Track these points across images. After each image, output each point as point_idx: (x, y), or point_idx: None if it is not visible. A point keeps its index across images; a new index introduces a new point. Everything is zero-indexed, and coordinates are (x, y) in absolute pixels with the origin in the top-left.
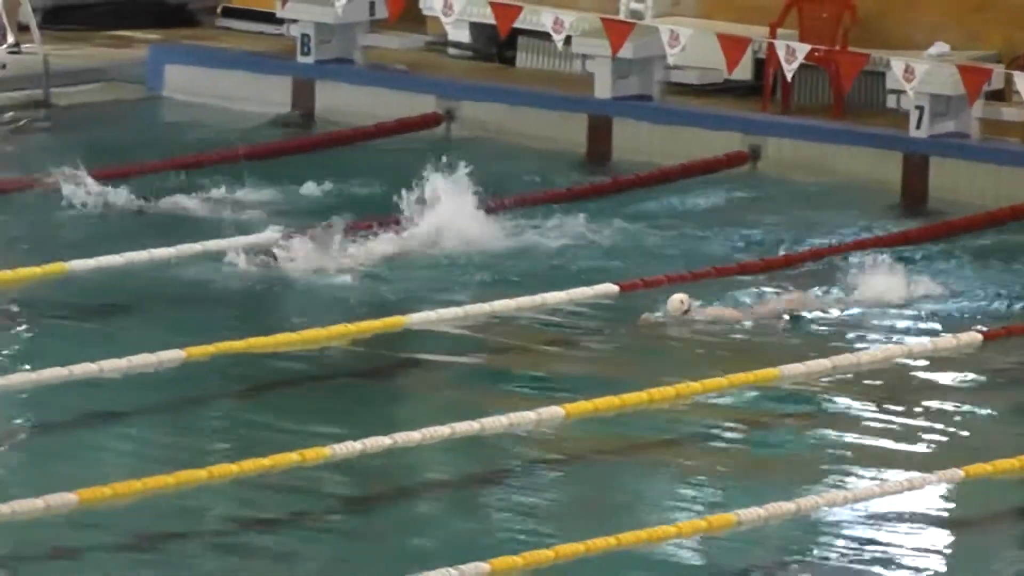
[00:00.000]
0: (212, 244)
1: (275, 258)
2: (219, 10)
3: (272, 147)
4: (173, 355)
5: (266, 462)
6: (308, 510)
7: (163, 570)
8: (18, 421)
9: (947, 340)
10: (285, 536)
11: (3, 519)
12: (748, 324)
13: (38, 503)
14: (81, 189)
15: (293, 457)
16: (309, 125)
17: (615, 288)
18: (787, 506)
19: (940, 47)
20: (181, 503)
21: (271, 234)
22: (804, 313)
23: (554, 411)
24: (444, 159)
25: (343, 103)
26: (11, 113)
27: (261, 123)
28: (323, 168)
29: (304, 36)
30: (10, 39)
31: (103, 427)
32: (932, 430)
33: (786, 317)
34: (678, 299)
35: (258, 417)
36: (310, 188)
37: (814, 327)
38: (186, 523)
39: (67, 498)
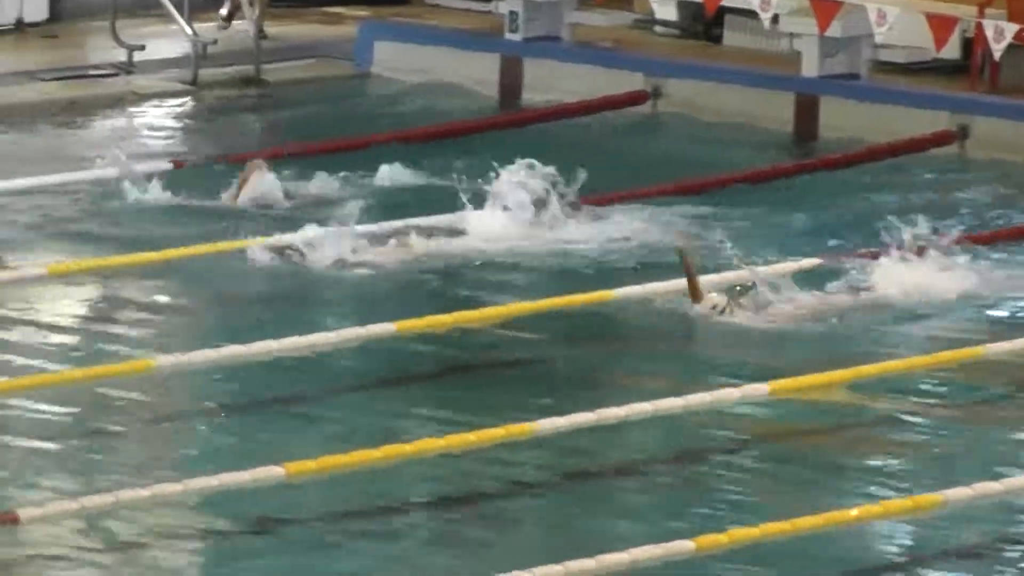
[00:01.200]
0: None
1: (301, 254)
2: None
3: (480, 124)
4: (383, 328)
5: (472, 437)
6: (512, 486)
7: (370, 541)
8: (228, 395)
9: None
10: (491, 510)
11: (211, 491)
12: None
13: (245, 476)
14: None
15: (499, 432)
16: (516, 102)
17: (817, 261)
18: (994, 487)
19: None
20: (387, 477)
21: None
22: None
23: (758, 388)
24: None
25: (550, 80)
26: (222, 89)
27: (469, 100)
28: (528, 145)
29: (512, 13)
30: (223, 13)
31: (310, 401)
32: None
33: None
34: (712, 299)
35: (464, 392)
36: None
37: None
38: (392, 497)
39: (274, 471)
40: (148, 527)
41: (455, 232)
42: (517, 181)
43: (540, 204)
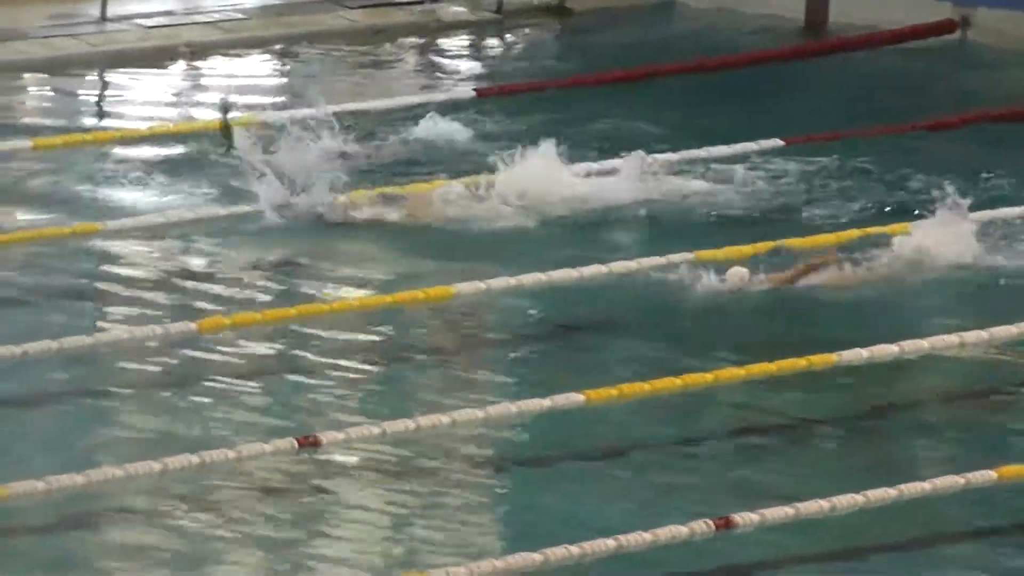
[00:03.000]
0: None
1: None
2: None
3: (783, 52)
4: (681, 257)
5: (772, 367)
6: (811, 415)
7: (664, 475)
8: (530, 322)
9: None
10: (786, 441)
11: (511, 419)
12: None
13: (545, 403)
14: None
15: (800, 363)
16: (821, 31)
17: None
18: None
19: None
20: (685, 407)
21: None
22: None
23: None
24: None
25: (857, 8)
26: (526, 18)
27: (774, 29)
28: (833, 76)
29: None
30: None
31: (607, 332)
32: None
33: None
34: (738, 273)
35: (765, 323)
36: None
37: None
38: (691, 426)
39: (575, 398)
40: (447, 452)
41: None
42: None
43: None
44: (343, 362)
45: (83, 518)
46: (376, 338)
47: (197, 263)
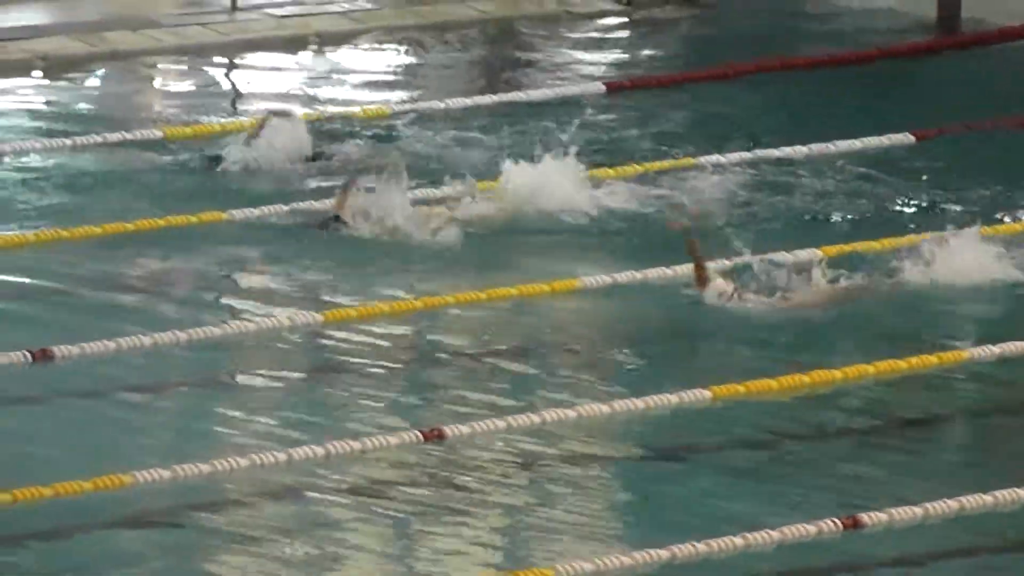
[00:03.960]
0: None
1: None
2: None
3: (917, 47)
4: (809, 254)
5: (902, 363)
6: (940, 413)
7: (791, 472)
8: (654, 317)
9: None
10: (915, 439)
11: (637, 415)
12: None
13: (672, 398)
14: None
15: (931, 360)
16: (954, 26)
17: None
18: None
19: None
20: (812, 402)
21: None
22: None
23: None
24: None
25: (989, 2)
26: (659, 8)
27: (904, 21)
28: (961, 71)
29: None
30: None
31: (733, 329)
32: None
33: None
34: (719, 286)
35: (893, 319)
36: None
37: None
38: (819, 424)
39: (702, 394)
40: (572, 448)
41: None
42: None
43: None
44: (468, 355)
45: (207, 507)
46: (501, 332)
47: (323, 252)
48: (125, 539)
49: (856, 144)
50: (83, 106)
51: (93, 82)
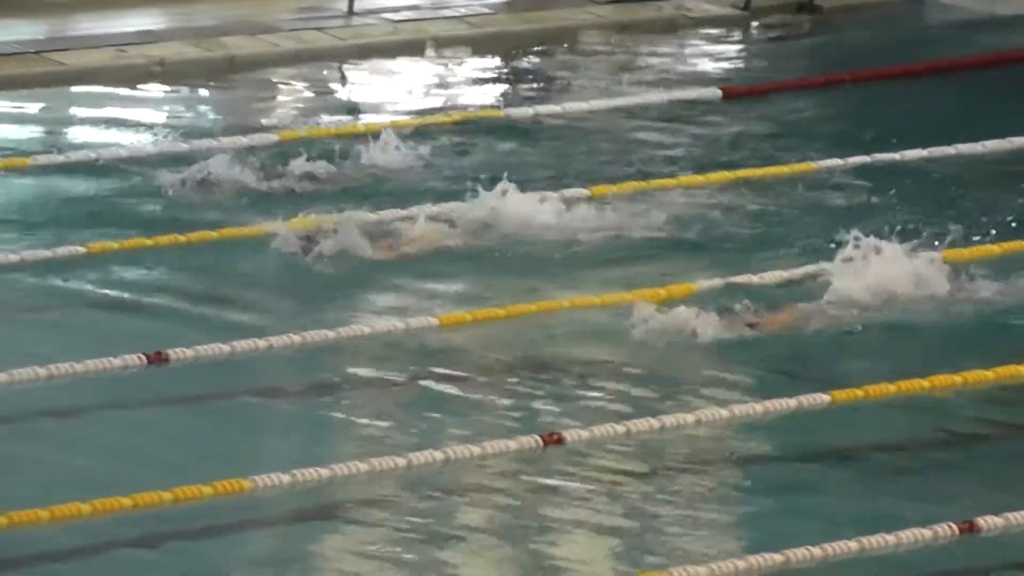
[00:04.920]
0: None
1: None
2: None
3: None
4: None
5: (990, 375)
6: None
7: (908, 477)
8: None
9: None
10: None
11: (756, 419)
12: None
13: (791, 402)
14: None
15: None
16: None
17: None
18: None
19: None
20: (930, 408)
21: None
22: None
23: None
24: None
25: None
26: (775, 15)
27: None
28: None
29: None
30: None
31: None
32: None
33: None
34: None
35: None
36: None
37: None
38: (937, 428)
39: (820, 398)
40: (691, 451)
41: None
42: None
43: None
44: (585, 359)
45: (325, 510)
46: (617, 334)
47: (441, 256)
48: (248, 541)
49: (978, 148)
50: (200, 110)
51: (209, 86)
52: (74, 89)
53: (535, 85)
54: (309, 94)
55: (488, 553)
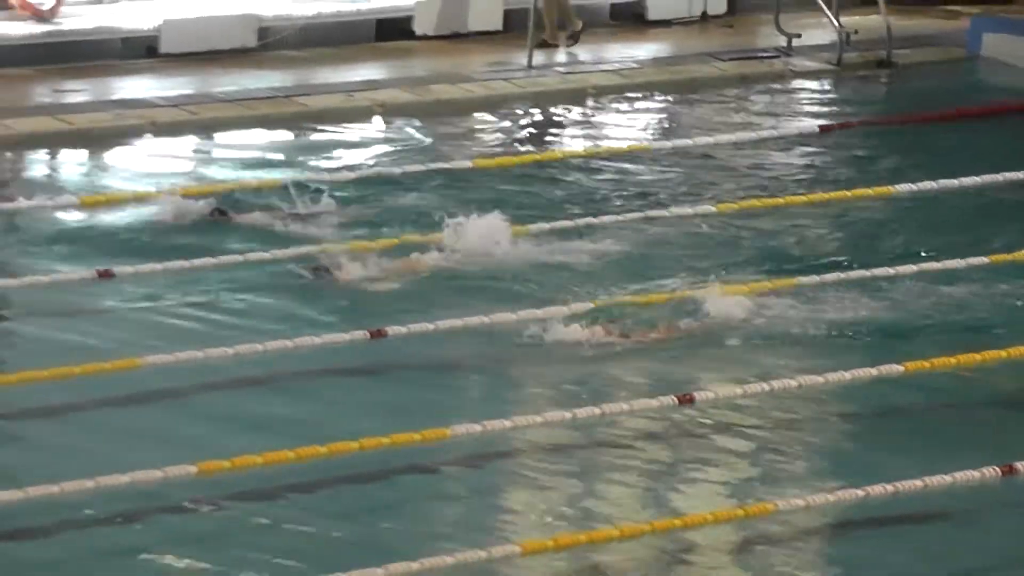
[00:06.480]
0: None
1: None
2: None
3: None
4: (976, 260)
5: None
6: None
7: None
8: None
9: None
10: None
11: (843, 383)
12: None
13: (872, 371)
14: None
15: None
16: None
17: None
18: None
19: None
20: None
21: None
22: None
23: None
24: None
25: None
26: (861, 69)
27: None
28: None
29: None
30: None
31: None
32: None
33: None
34: (602, 329)
35: None
36: None
37: None
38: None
39: (895, 368)
40: (797, 412)
41: None
42: None
43: None
44: (717, 330)
45: (508, 455)
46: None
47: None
48: (441, 481)
49: None
50: (410, 142)
51: (417, 124)
52: (313, 124)
53: (672, 124)
54: (497, 131)
55: (630, 491)
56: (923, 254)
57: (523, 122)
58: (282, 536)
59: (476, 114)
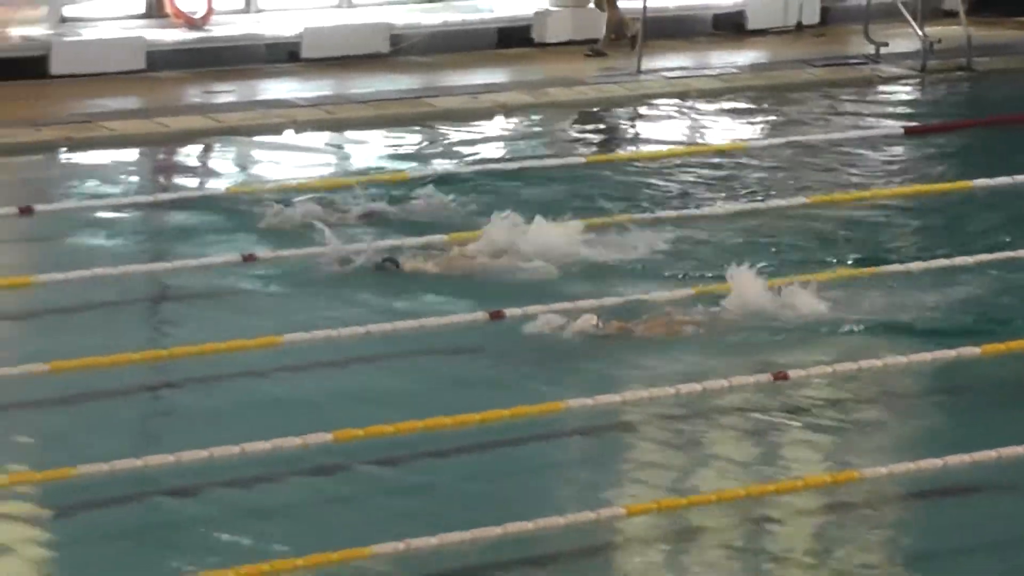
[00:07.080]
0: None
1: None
2: None
3: None
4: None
5: None
6: None
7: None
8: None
9: None
10: None
11: (925, 365)
12: None
13: (951, 353)
14: None
15: None
16: None
17: None
18: None
19: None
20: None
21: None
22: None
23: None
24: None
25: None
26: (943, 75)
27: None
28: None
29: None
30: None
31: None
32: None
33: None
34: (590, 319)
35: None
36: None
37: None
38: None
39: (972, 351)
40: (887, 390)
41: None
42: None
43: None
44: (808, 312)
45: (619, 425)
46: (850, 297)
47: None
48: (554, 450)
49: None
50: (526, 138)
51: (536, 122)
52: (439, 123)
53: (769, 124)
54: (603, 128)
55: (729, 458)
56: (1002, 241)
57: (631, 122)
58: (409, 497)
59: (588, 114)
